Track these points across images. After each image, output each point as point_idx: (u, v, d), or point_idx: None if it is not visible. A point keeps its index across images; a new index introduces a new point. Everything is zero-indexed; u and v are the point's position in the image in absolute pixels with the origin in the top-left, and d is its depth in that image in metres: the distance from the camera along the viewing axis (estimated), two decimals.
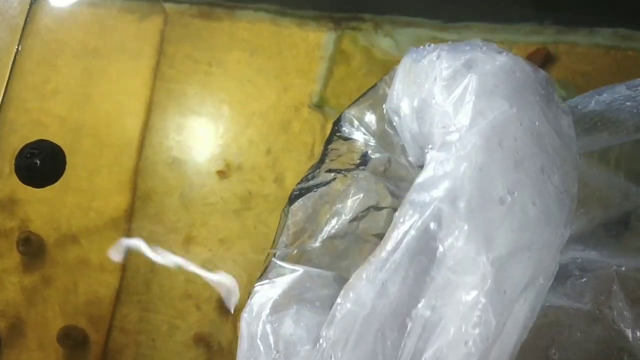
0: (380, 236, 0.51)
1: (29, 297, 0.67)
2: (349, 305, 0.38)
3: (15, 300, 0.68)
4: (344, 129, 0.57)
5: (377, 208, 0.53)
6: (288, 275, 0.49)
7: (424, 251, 0.37)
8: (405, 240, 0.37)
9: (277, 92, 0.72)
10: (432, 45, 0.47)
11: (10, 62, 0.74)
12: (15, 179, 0.70)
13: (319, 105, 0.71)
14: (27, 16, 0.76)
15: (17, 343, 0.66)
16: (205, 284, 0.66)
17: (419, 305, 0.36)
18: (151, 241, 0.68)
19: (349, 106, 0.58)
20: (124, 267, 0.67)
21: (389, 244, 0.38)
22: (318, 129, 0.71)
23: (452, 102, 0.40)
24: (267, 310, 0.46)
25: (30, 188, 0.70)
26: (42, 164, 0.69)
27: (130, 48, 0.74)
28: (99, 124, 0.71)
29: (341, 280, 0.47)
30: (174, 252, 0.67)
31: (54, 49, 0.75)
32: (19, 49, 0.75)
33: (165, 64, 0.74)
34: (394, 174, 0.53)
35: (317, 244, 0.52)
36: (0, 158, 0.71)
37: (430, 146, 0.43)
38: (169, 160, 0.70)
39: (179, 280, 0.67)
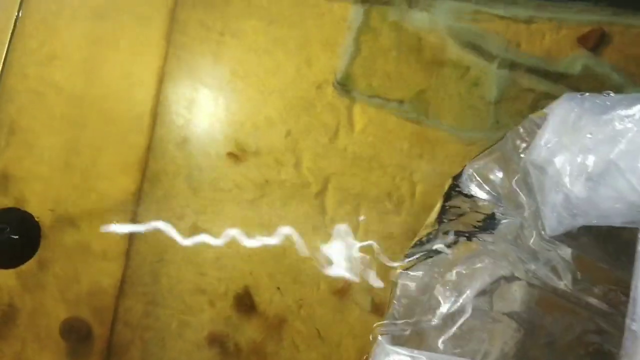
0: (513, 316, 0.42)
1: (25, 284, 0.60)
2: None
3: (8, 286, 0.60)
4: (465, 185, 0.49)
5: (509, 279, 0.44)
6: None
7: None
8: None
9: (297, 66, 0.64)
10: (612, 94, 0.37)
11: (12, 25, 0.64)
12: (10, 152, 0.62)
13: (345, 86, 0.63)
14: None
15: (9, 334, 0.59)
16: (220, 279, 0.60)
17: None
18: (159, 229, 0.61)
19: (471, 160, 0.50)
20: (128, 255, 0.60)
21: None
22: (343, 110, 0.63)
23: None
24: None
25: (26, 165, 0.61)
26: (15, 239, 0.57)
27: (140, 12, 0.65)
28: (104, 96, 0.62)
29: None
30: (184, 242, 0.60)
31: (54, 10, 0.65)
32: (21, 7, 0.65)
33: (178, 31, 0.64)
34: (526, 245, 0.45)
35: (435, 321, 0.44)
36: None
37: None
38: (179, 140, 0.62)
39: (189, 273, 0.60)
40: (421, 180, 0.60)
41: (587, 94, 0.38)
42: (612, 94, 0.36)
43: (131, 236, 0.60)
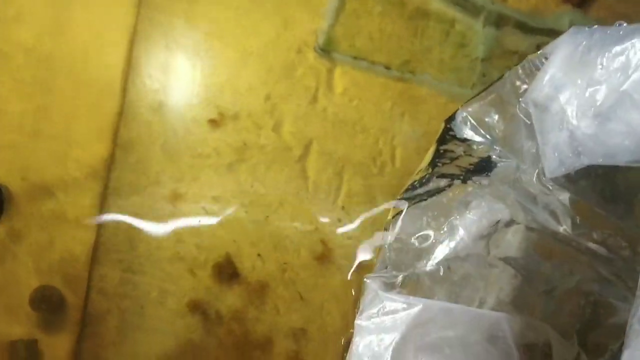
0: (510, 261, 0.40)
1: None
2: None
3: None
4: (458, 128, 0.47)
5: (507, 223, 0.41)
6: (403, 312, 0.38)
7: None
8: None
9: (276, 27, 0.62)
10: (625, 24, 0.33)
11: None
12: None
13: (326, 49, 0.61)
14: None
15: None
16: (200, 246, 0.58)
17: None
18: (135, 195, 0.58)
19: (465, 103, 0.47)
20: (102, 223, 0.58)
21: None
22: (324, 73, 0.61)
23: None
24: None
25: None
26: None
27: None
28: (74, 58, 0.59)
29: (469, 316, 0.37)
30: (161, 209, 0.58)
31: None
32: None
33: None
34: (523, 189, 0.43)
35: (429, 267, 0.41)
36: None
37: None
38: (155, 105, 0.59)
39: (167, 240, 0.58)
40: (403, 143, 0.59)
41: (596, 25, 0.36)
42: (625, 24, 0.34)
43: (105, 203, 0.57)
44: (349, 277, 0.57)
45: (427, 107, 0.59)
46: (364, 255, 0.58)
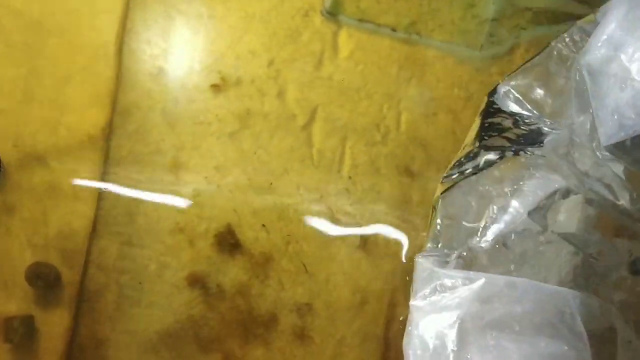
0: (567, 237, 0.38)
1: None
2: None
3: None
4: (502, 102, 0.44)
5: (564, 194, 0.38)
6: (463, 287, 0.35)
7: None
8: None
9: None
10: None
11: None
12: None
13: (333, 12, 0.58)
14: None
15: None
16: (201, 216, 0.55)
17: None
18: (134, 165, 0.56)
19: (507, 76, 0.44)
20: (101, 194, 0.55)
21: None
22: (329, 37, 0.58)
23: None
24: (450, 344, 0.33)
25: None
26: None
27: None
28: (65, 22, 0.56)
29: (535, 290, 0.34)
30: (162, 179, 0.56)
31: None
32: None
33: None
34: (577, 159, 0.40)
35: (484, 244, 0.38)
36: None
37: None
38: (154, 71, 0.57)
39: (166, 211, 0.55)
40: (409, 107, 0.56)
41: None
42: None
43: (104, 173, 0.55)
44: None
45: (435, 70, 0.57)
46: (371, 228, 0.55)
